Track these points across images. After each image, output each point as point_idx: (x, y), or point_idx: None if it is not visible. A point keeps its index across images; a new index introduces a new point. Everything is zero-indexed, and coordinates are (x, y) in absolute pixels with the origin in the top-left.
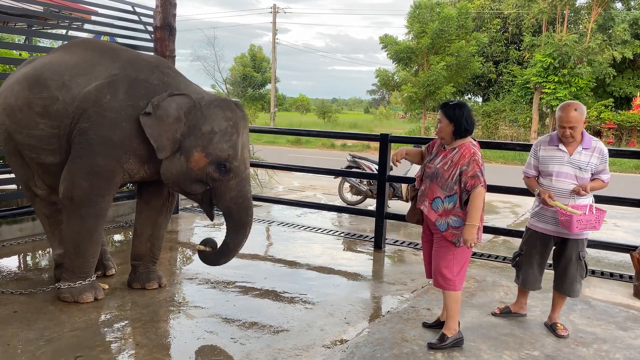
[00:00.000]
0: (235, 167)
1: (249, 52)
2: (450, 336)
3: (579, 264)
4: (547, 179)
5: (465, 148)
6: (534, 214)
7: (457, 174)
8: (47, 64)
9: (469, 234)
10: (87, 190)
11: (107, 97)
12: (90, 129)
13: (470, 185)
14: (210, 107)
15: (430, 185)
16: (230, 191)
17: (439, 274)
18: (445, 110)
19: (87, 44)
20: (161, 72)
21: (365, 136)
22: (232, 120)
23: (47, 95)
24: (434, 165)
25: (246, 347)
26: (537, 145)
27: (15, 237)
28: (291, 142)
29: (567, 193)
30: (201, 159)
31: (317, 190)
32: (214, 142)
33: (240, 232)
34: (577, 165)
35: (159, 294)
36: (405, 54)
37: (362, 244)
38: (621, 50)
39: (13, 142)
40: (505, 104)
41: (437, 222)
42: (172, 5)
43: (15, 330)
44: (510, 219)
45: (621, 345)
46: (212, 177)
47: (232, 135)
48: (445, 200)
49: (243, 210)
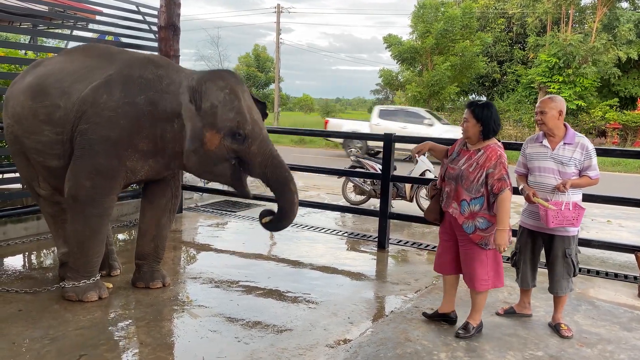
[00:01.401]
0: (249, 131)
1: (253, 52)
2: (475, 325)
3: (565, 262)
4: (532, 175)
5: (491, 150)
6: (523, 211)
7: (484, 176)
8: (49, 73)
9: (501, 238)
10: (91, 190)
11: (104, 97)
12: (90, 130)
13: (498, 188)
14: (202, 83)
15: (455, 186)
16: (256, 156)
17: (475, 278)
18: (473, 110)
19: (87, 50)
20: (154, 65)
21: (369, 136)
22: (227, 88)
23: (50, 104)
24: (458, 167)
25: (250, 346)
26: (525, 144)
27: (20, 236)
28: (295, 142)
29: (550, 188)
30: (214, 137)
31: (321, 190)
32: (219, 115)
33: (285, 190)
34: (559, 160)
35: (163, 293)
36: (409, 54)
37: (365, 244)
38: (626, 50)
39: (19, 144)
40: (510, 104)
41: (464, 224)
42: (176, 5)
43: (20, 329)
44: (514, 219)
45: (626, 346)
46: (232, 150)
47: (233, 102)
48: (472, 202)
49: (278, 168)
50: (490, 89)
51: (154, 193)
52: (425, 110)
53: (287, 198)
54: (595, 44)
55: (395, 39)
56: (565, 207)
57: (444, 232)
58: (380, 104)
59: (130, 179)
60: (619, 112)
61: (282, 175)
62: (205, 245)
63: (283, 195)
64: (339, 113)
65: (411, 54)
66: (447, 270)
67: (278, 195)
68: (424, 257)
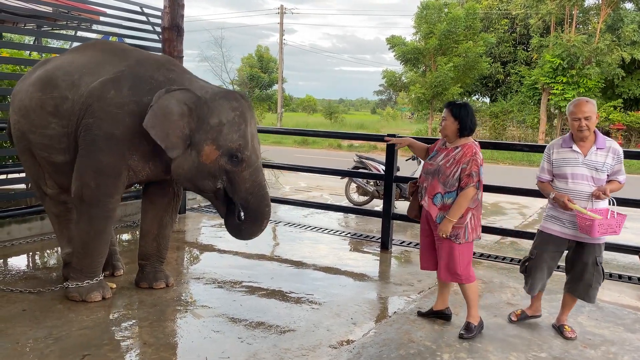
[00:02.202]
0: (247, 157)
1: (256, 53)
2: (475, 324)
3: (595, 270)
4: (562, 181)
5: (467, 147)
6: (548, 217)
7: (459, 171)
8: (59, 65)
9: (444, 225)
10: (95, 191)
11: (112, 93)
12: (94, 125)
13: (465, 182)
14: (216, 99)
15: (431, 181)
16: (245, 182)
17: (448, 271)
18: (451, 108)
19: (98, 45)
20: (167, 69)
21: (372, 137)
22: (238, 110)
23: (58, 95)
24: (436, 163)
25: (253, 346)
26: (550, 149)
27: (25, 236)
28: (298, 143)
29: (585, 195)
30: (212, 152)
31: (324, 190)
32: (224, 134)
33: (256, 223)
34: (593, 166)
35: (166, 294)
36: (413, 55)
37: (368, 245)
38: (630, 51)
39: (26, 141)
40: (513, 105)
41: (438, 216)
42: (180, 6)
43: (23, 329)
44: (518, 220)
45: (629, 347)
46: (225, 169)
47: (240, 125)
48: (445, 195)
49: (260, 199)
50: (493, 90)
51: (155, 193)
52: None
53: (252, 230)
54: (599, 45)
55: (399, 40)
56: (611, 215)
57: (423, 229)
58: (383, 105)
59: (132, 179)
60: (622, 113)
61: (263, 208)
62: (209, 246)
63: (252, 226)
64: (341, 114)
65: (414, 54)
66: (431, 266)
67: (247, 222)
68: None
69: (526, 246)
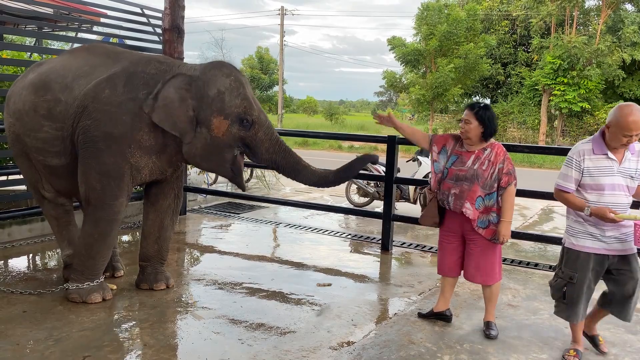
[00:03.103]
0: (256, 117)
1: (257, 54)
2: (494, 322)
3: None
4: (594, 193)
5: (498, 147)
6: (579, 233)
7: (496, 172)
8: (52, 68)
9: (505, 229)
10: (101, 193)
11: (106, 92)
12: (92, 126)
13: (505, 182)
14: (206, 72)
15: (470, 186)
16: (263, 142)
17: (490, 273)
18: (476, 112)
19: (92, 48)
20: (157, 61)
21: (372, 138)
22: (232, 75)
23: (51, 98)
24: (469, 167)
25: (253, 348)
26: (580, 155)
27: (25, 238)
28: (298, 144)
29: (622, 207)
30: (222, 123)
31: (324, 191)
32: (227, 102)
33: (300, 168)
34: (628, 174)
35: (166, 295)
36: (413, 56)
37: (369, 246)
38: (631, 52)
39: (21, 144)
40: (514, 106)
41: (479, 219)
42: (180, 8)
43: (24, 330)
44: (518, 221)
45: (630, 349)
46: (239, 136)
47: (239, 88)
48: (486, 197)
49: (288, 153)
50: (494, 91)
51: (156, 195)
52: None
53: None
54: (599, 46)
55: (399, 41)
56: None
57: (448, 235)
58: (384, 106)
59: (136, 178)
60: None
61: (294, 159)
62: (209, 247)
63: (304, 171)
64: (342, 115)
65: (415, 56)
66: (455, 272)
67: (297, 174)
68: (427, 259)
69: (527, 247)
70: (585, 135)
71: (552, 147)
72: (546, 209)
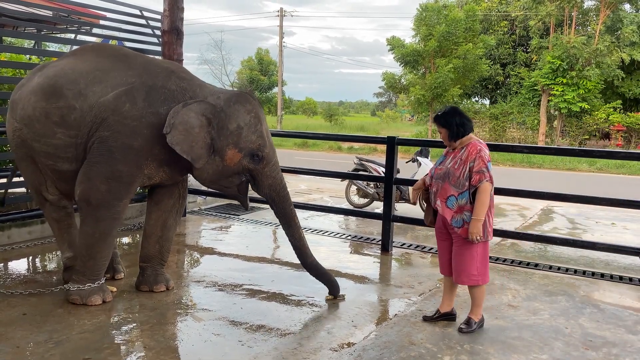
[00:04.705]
0: (266, 154)
1: (256, 56)
2: (477, 320)
3: None
4: None
5: (472, 145)
6: None
7: (467, 170)
8: (61, 72)
9: (474, 227)
10: (106, 194)
11: (127, 106)
12: (111, 137)
13: (476, 180)
14: (230, 105)
15: (442, 184)
16: (267, 178)
17: (463, 273)
18: (437, 120)
19: (98, 50)
20: (177, 77)
21: (372, 139)
22: (253, 112)
23: (64, 105)
24: (445, 166)
25: (253, 349)
26: None
27: (25, 240)
28: (298, 145)
29: None
30: (235, 155)
31: (324, 193)
32: (243, 137)
33: (292, 226)
34: None
35: (166, 297)
36: (412, 57)
37: (369, 247)
38: (630, 52)
39: (26, 148)
40: (513, 107)
41: (453, 219)
42: (179, 9)
43: (24, 332)
44: (518, 222)
45: (631, 349)
46: (248, 168)
47: (256, 125)
48: (459, 197)
49: (284, 202)
50: (493, 92)
51: (161, 194)
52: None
53: (297, 234)
54: (598, 46)
55: (398, 42)
56: None
57: (439, 233)
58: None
59: (144, 183)
60: (622, 114)
61: (289, 209)
62: (209, 249)
63: (293, 231)
64: (341, 116)
65: (414, 56)
66: (447, 270)
67: (289, 233)
68: (427, 260)
69: (527, 247)
70: (585, 135)
71: (552, 148)
72: (546, 209)
